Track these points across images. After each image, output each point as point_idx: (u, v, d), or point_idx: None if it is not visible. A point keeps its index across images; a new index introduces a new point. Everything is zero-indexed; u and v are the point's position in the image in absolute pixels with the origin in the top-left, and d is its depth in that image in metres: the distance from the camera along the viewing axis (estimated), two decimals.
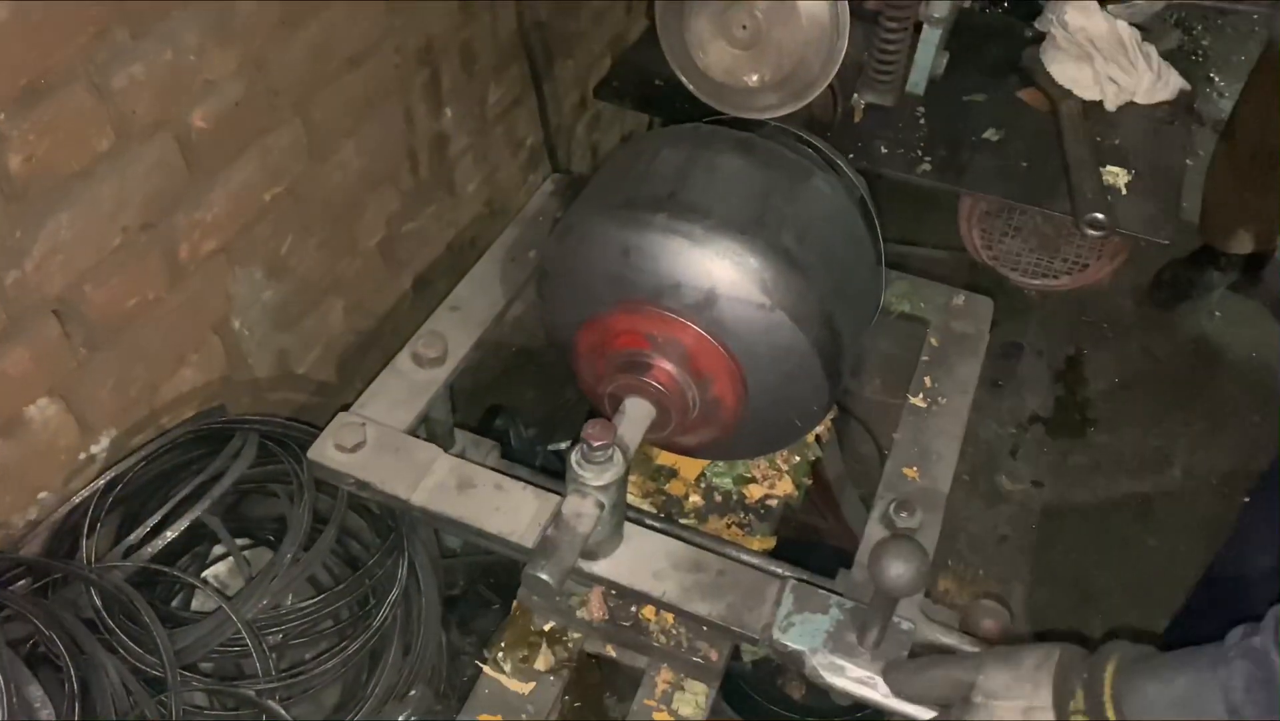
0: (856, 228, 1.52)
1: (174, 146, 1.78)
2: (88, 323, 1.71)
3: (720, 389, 1.47)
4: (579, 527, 1.26)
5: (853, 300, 1.49)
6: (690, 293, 1.42)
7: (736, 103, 1.48)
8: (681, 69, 1.47)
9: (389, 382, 1.63)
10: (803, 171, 1.49)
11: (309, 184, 2.11)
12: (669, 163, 1.47)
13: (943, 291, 1.85)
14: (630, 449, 1.38)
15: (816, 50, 1.38)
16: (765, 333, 1.42)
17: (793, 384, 1.48)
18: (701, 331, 1.42)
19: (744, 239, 1.39)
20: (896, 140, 1.93)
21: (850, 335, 1.50)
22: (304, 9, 1.95)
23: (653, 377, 1.43)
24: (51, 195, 1.59)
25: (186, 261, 1.87)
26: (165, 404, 1.92)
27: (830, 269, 1.45)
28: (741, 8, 1.39)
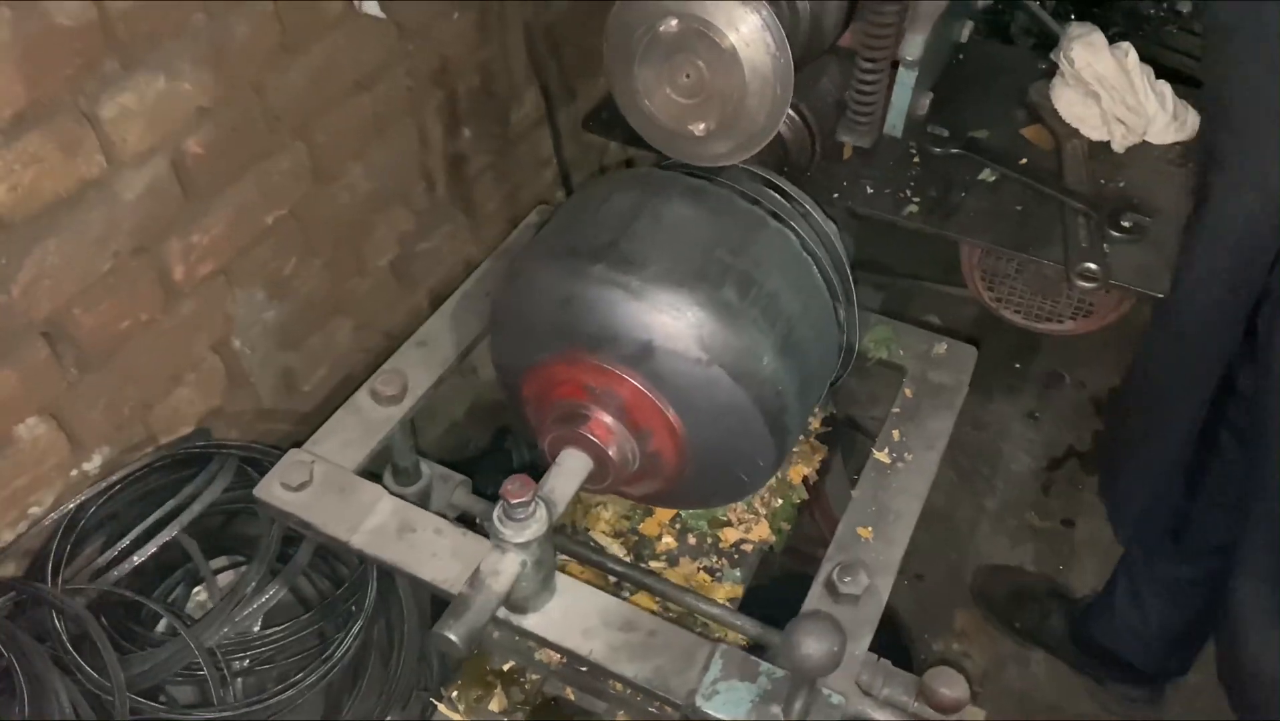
0: (810, 279, 1.47)
1: (168, 172, 1.80)
2: (78, 344, 1.74)
3: (659, 443, 1.44)
4: (495, 586, 1.24)
5: (804, 354, 1.44)
6: (628, 345, 1.39)
7: (687, 151, 1.45)
8: (632, 116, 1.44)
9: (344, 420, 1.63)
10: (754, 221, 1.45)
11: (313, 206, 2.11)
12: (616, 209, 1.45)
13: (924, 338, 1.79)
14: (561, 502, 1.36)
15: (760, 101, 1.34)
16: (704, 388, 1.39)
17: (735, 440, 1.45)
18: (639, 385, 1.39)
19: (682, 292, 1.35)
20: (885, 179, 1.85)
21: (798, 390, 1.46)
22: (305, 35, 1.96)
23: (590, 430, 1.41)
24: (38, 222, 1.62)
25: (182, 284, 1.89)
26: (162, 422, 1.95)
27: (776, 323, 1.41)
28: (684, 58, 1.36)
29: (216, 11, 1.79)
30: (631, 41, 1.38)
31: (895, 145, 1.86)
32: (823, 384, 1.57)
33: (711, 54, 1.31)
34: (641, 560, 1.74)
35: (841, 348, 1.57)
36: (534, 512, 1.27)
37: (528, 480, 1.25)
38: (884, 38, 1.54)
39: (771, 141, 1.65)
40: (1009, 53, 2.10)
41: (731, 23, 1.30)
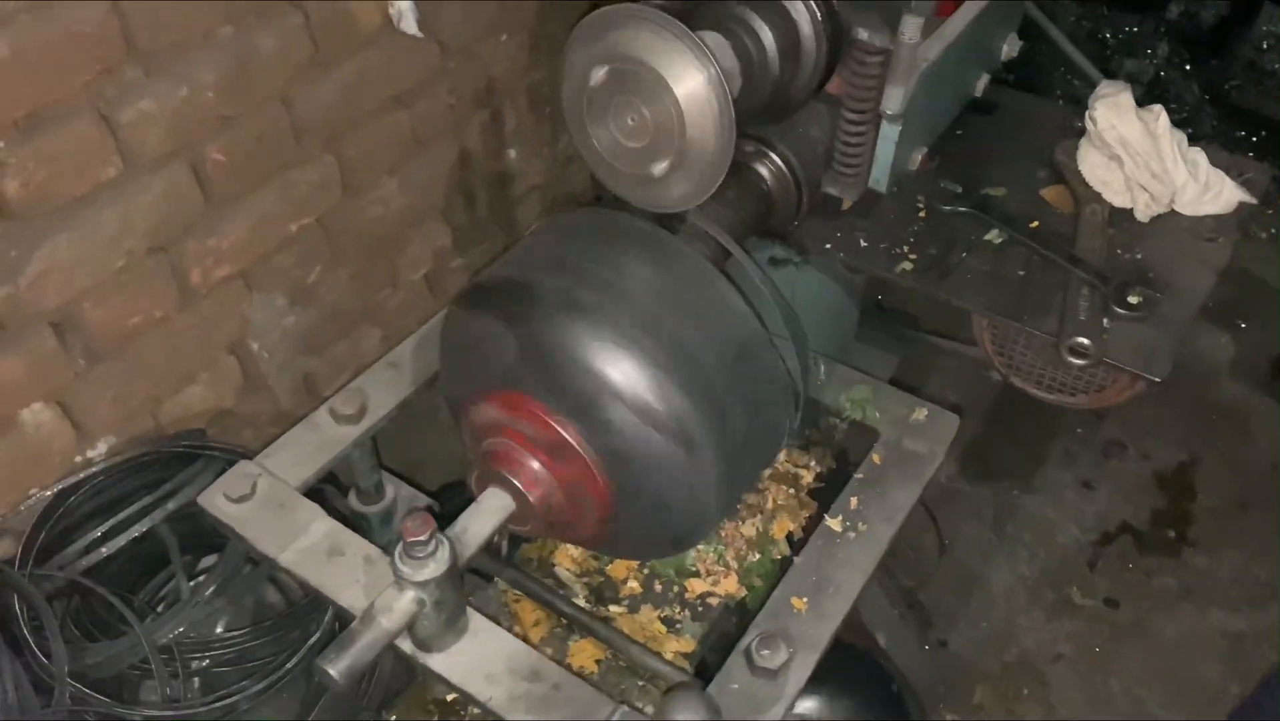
0: (756, 341, 1.42)
1: (188, 176, 1.84)
2: (87, 337, 1.79)
3: (585, 493, 1.40)
4: (385, 623, 1.22)
5: (742, 415, 1.39)
6: (560, 392, 1.35)
7: (652, 199, 1.41)
8: (600, 174, 1.44)
9: (300, 435, 1.64)
10: (701, 274, 1.41)
11: (342, 217, 2.14)
12: (567, 250, 1.42)
13: (905, 402, 1.69)
14: (473, 543, 1.33)
15: (703, 128, 1.29)
16: (635, 443, 1.34)
17: (665, 496, 1.40)
18: (567, 434, 1.36)
19: (620, 345, 1.31)
20: (882, 233, 1.78)
21: (736, 450, 1.41)
22: (339, 50, 1.98)
23: (513, 472, 1.38)
24: (50, 218, 1.67)
25: (198, 285, 1.93)
26: (172, 417, 1.99)
27: (713, 382, 1.36)
28: (625, 102, 1.32)
29: (244, 25, 1.82)
30: (577, 89, 1.37)
31: (900, 199, 1.78)
32: (768, 444, 1.50)
33: (645, 91, 1.28)
34: (603, 601, 1.70)
35: (798, 403, 1.50)
36: (434, 552, 1.24)
37: (428, 518, 1.23)
38: (867, 89, 1.48)
39: (754, 189, 1.63)
40: (1044, 108, 1.98)
41: (657, 58, 1.26)
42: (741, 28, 1.39)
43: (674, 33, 1.24)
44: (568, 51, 1.33)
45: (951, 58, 1.57)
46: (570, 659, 1.60)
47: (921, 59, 1.48)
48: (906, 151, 1.57)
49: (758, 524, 1.80)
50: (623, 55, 1.29)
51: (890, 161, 1.53)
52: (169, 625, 1.62)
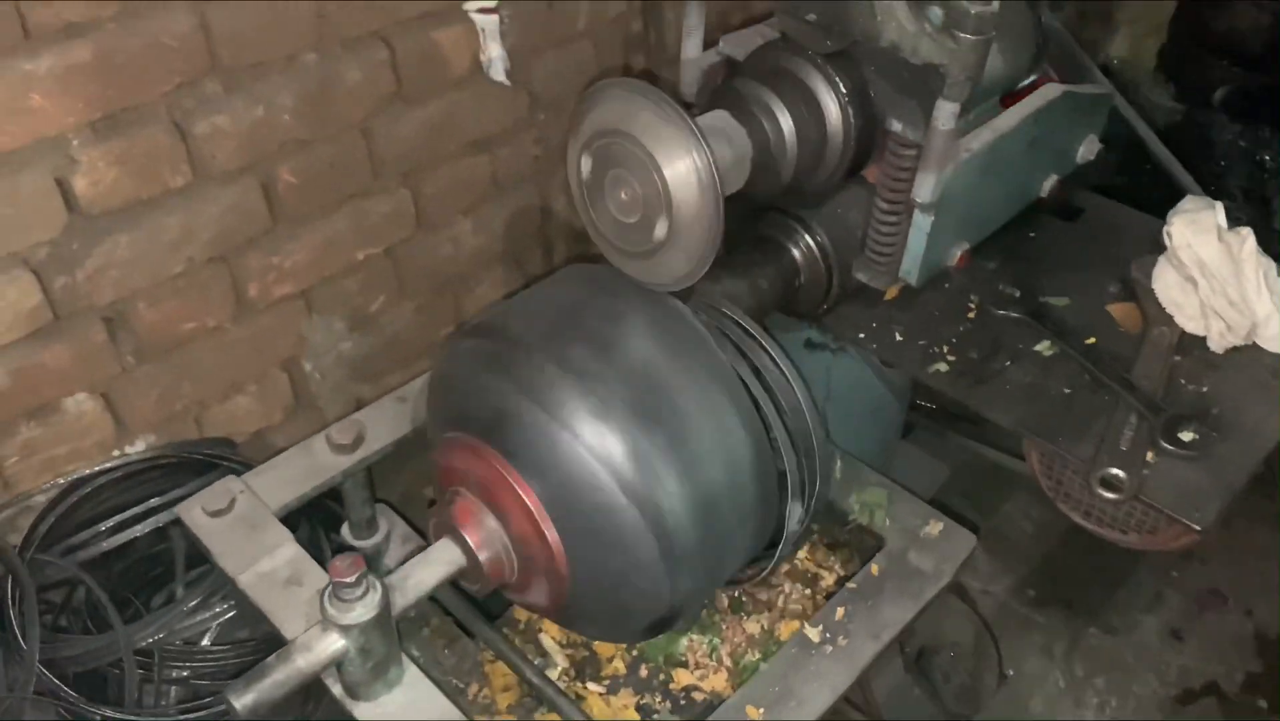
0: (744, 427, 1.34)
1: (257, 193, 1.87)
2: (138, 335, 1.83)
3: (540, 566, 1.34)
4: (300, 662, 1.17)
5: (723, 509, 1.32)
6: (529, 456, 1.30)
7: (652, 274, 1.37)
8: (605, 250, 1.41)
9: (292, 458, 1.62)
10: (701, 356, 1.34)
11: (412, 251, 2.15)
12: (565, 309, 1.38)
13: (919, 512, 1.56)
14: (413, 592, 1.28)
15: (690, 206, 1.24)
16: (600, 521, 1.28)
17: (627, 581, 1.32)
18: (529, 502, 1.30)
19: (601, 419, 1.26)
20: (921, 329, 1.67)
21: (713, 552, 1.33)
22: (424, 90, 2.00)
23: (467, 527, 1.33)
24: (115, 217, 1.72)
25: (256, 299, 1.95)
26: (216, 425, 2.02)
27: (695, 470, 1.29)
28: (618, 176, 1.30)
29: (329, 54, 1.86)
30: (576, 160, 1.35)
31: (949, 296, 1.67)
32: (748, 537, 1.40)
33: (635, 166, 1.26)
34: (583, 677, 1.62)
35: (808, 501, 1.40)
36: (363, 596, 1.20)
37: (358, 560, 1.18)
38: (900, 179, 1.39)
39: (782, 266, 1.55)
40: (1133, 220, 1.82)
41: (647, 133, 1.24)
42: (762, 111, 1.35)
43: (665, 111, 1.21)
44: (572, 120, 1.31)
45: (1004, 152, 1.46)
46: None
47: (963, 149, 1.38)
48: (942, 244, 1.46)
49: (763, 622, 1.68)
50: (616, 129, 1.27)
51: (922, 253, 1.43)
52: (149, 629, 1.61)
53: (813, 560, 1.77)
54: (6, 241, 1.62)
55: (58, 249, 1.68)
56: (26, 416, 1.76)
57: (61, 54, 1.56)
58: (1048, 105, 1.51)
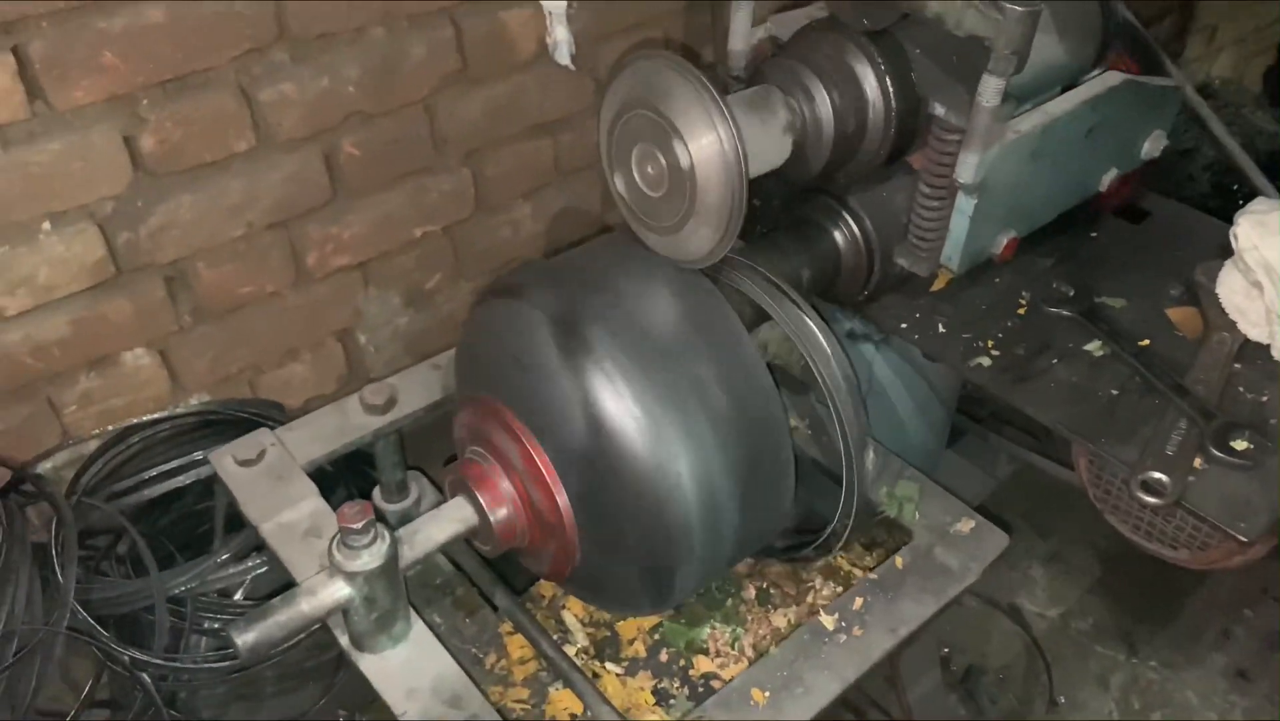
0: (768, 407, 1.32)
1: (319, 163, 1.89)
2: (196, 295, 1.87)
3: (551, 535, 1.32)
4: (304, 606, 1.17)
5: (738, 489, 1.29)
6: (547, 419, 1.28)
7: (675, 250, 1.34)
8: (632, 224, 1.38)
9: (324, 417, 1.63)
10: (730, 329, 1.32)
11: (470, 231, 2.16)
12: (600, 275, 1.35)
13: (951, 509, 1.50)
14: (421, 547, 1.28)
15: (716, 180, 1.21)
16: (618, 506, 1.27)
17: (632, 551, 1.31)
18: (541, 463, 1.29)
19: (624, 387, 1.23)
20: (966, 322, 1.60)
21: (723, 540, 1.31)
22: (489, 70, 2.01)
23: (481, 487, 1.32)
24: (179, 178, 1.75)
25: (313, 268, 1.98)
26: (270, 389, 2.05)
27: (714, 454, 1.26)
28: (645, 151, 1.28)
29: (396, 30, 1.87)
30: (605, 131, 1.33)
31: (999, 290, 1.60)
32: (767, 519, 1.37)
33: (661, 140, 1.23)
34: (602, 657, 1.60)
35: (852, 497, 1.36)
36: (370, 544, 1.19)
37: (367, 507, 1.18)
38: (943, 164, 1.34)
39: (821, 249, 1.51)
40: (1200, 222, 1.74)
41: (674, 106, 1.21)
42: (799, 90, 1.32)
43: (692, 85, 1.19)
44: (603, 91, 1.30)
45: (1057, 137, 1.40)
46: (547, 706, 1.50)
47: (1011, 130, 1.33)
48: (986, 232, 1.41)
49: (790, 615, 1.64)
50: (643, 101, 1.25)
51: (964, 238, 1.38)
52: (182, 577, 1.64)
53: (846, 557, 1.72)
54: (75, 194, 1.67)
55: (123, 205, 1.72)
56: (86, 367, 1.81)
57: (135, 14, 1.60)
58: (1108, 92, 1.45)
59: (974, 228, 1.37)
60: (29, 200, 1.63)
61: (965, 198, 1.35)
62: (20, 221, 1.64)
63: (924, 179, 1.38)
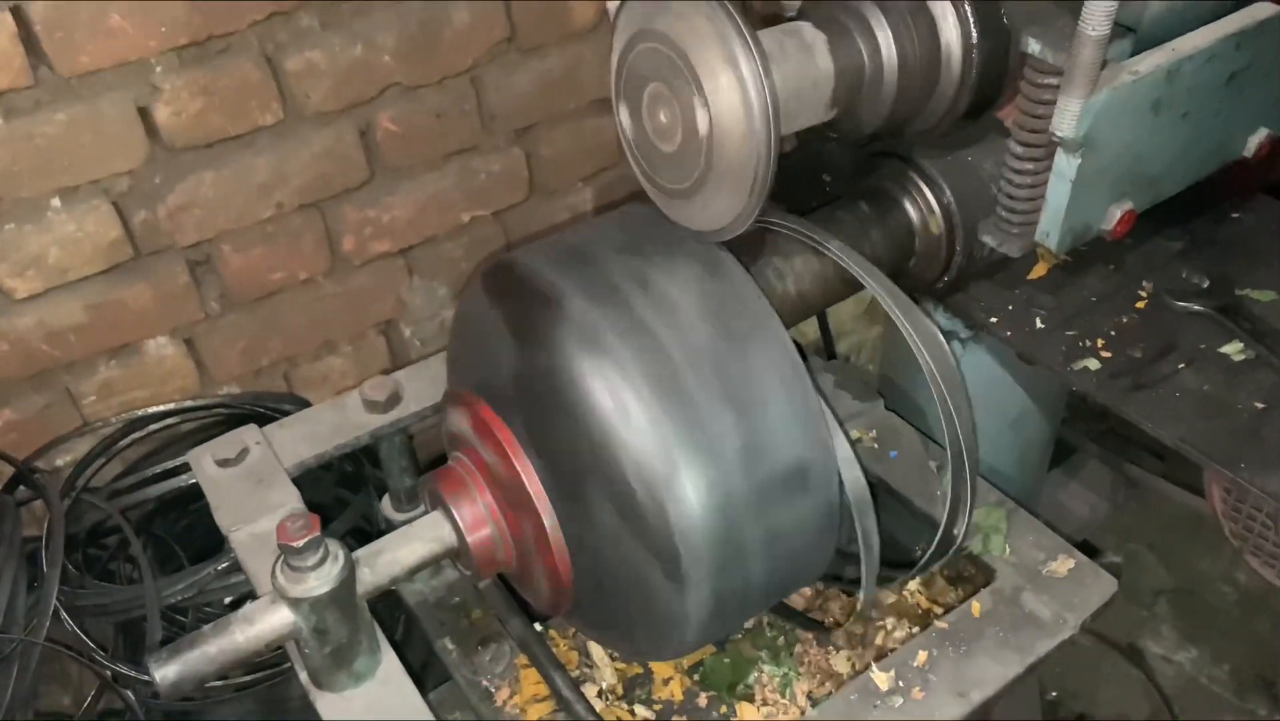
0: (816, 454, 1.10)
1: (354, 139, 1.74)
2: (223, 281, 1.74)
3: (540, 562, 1.12)
4: (238, 636, 0.98)
5: (766, 550, 1.09)
6: (536, 424, 1.10)
7: (692, 219, 1.13)
8: (647, 189, 1.20)
9: (321, 413, 1.46)
10: (761, 330, 1.10)
11: (523, 217, 1.98)
12: (602, 254, 1.15)
13: (1047, 544, 1.21)
14: (386, 572, 1.08)
15: (737, 130, 0.99)
16: (613, 547, 1.08)
17: (632, 609, 1.12)
18: (531, 491, 1.10)
19: (629, 392, 1.04)
20: (1070, 316, 1.34)
21: (738, 589, 1.10)
22: (541, 38, 1.83)
23: (460, 502, 1.12)
24: (200, 153, 1.62)
25: (351, 254, 1.83)
26: (306, 383, 1.91)
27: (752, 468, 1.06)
28: (656, 94, 1.07)
29: None
30: (617, 76, 1.15)
31: (1113, 279, 1.32)
32: (807, 556, 1.14)
33: (674, 81, 1.02)
34: (631, 698, 1.36)
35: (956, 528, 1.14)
36: (318, 565, 0.99)
37: (313, 521, 0.97)
38: (1038, 114, 1.06)
39: (895, 228, 1.30)
40: None
41: (689, 41, 1.00)
42: (856, 24, 1.08)
43: (711, 10, 0.96)
44: (615, 15, 1.08)
45: (1187, 83, 1.10)
46: None
47: (1127, 71, 1.05)
48: (1093, 202, 1.12)
49: (855, 660, 1.38)
50: (654, 30, 1.04)
51: (1063, 208, 1.09)
52: (179, 585, 1.49)
53: (927, 594, 1.45)
54: (86, 169, 1.54)
55: (139, 181, 1.59)
56: (106, 355, 1.70)
57: None
58: (1256, 27, 1.13)
59: (1077, 196, 1.09)
60: (36, 175, 1.51)
61: (1065, 157, 1.07)
62: (27, 198, 1.53)
63: (1015, 135, 1.12)
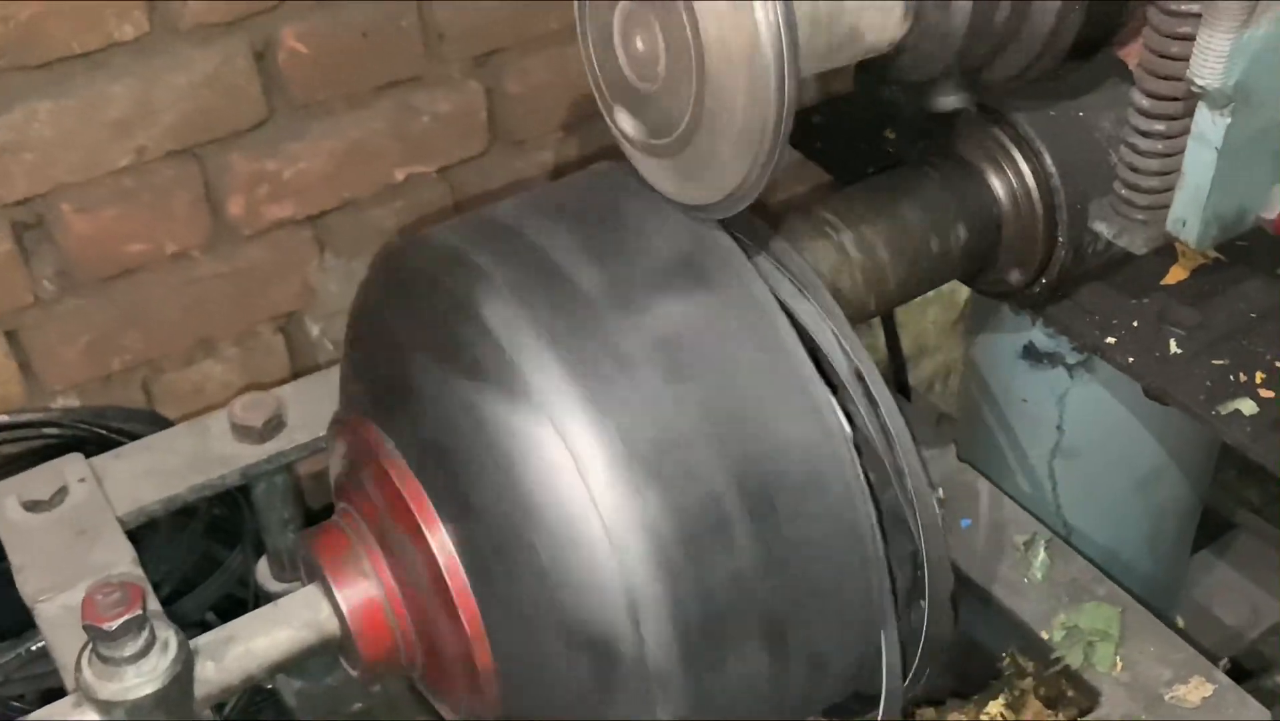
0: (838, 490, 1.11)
1: (247, 63, 1.75)
2: (62, 252, 1.75)
3: (452, 648, 1.12)
4: None
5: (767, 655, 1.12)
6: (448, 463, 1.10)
7: (681, 180, 1.14)
8: (623, 145, 1.21)
9: (175, 440, 1.48)
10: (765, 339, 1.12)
11: (482, 176, 2.01)
12: (564, 231, 1.17)
13: (1176, 657, 1.23)
14: (239, 667, 1.08)
15: (738, 61, 0.98)
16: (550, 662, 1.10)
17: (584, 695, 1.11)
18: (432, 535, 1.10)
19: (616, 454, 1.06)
20: (1222, 340, 1.35)
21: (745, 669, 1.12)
22: None
23: (343, 574, 1.13)
24: (33, 75, 1.62)
25: (239, 220, 1.84)
26: (173, 394, 1.92)
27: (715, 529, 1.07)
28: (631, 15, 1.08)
29: None
30: None
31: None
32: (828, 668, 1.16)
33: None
34: None
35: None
36: (140, 656, 0.98)
37: (134, 594, 0.95)
38: (1172, 57, 1.05)
39: (975, 209, 1.32)
40: None
41: None
42: None
43: None
44: None
45: None
46: None
47: None
48: (1248, 177, 1.10)
49: None
50: None
51: (1207, 187, 1.07)
52: None
53: (1014, 719, 1.44)
54: None
55: None
56: None
57: None
58: None
59: (1225, 169, 1.06)
60: None
61: (1210, 115, 1.04)
62: None
63: (1139, 82, 1.11)
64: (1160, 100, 1.10)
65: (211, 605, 1.64)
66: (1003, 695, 1.46)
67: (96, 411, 1.77)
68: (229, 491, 1.55)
